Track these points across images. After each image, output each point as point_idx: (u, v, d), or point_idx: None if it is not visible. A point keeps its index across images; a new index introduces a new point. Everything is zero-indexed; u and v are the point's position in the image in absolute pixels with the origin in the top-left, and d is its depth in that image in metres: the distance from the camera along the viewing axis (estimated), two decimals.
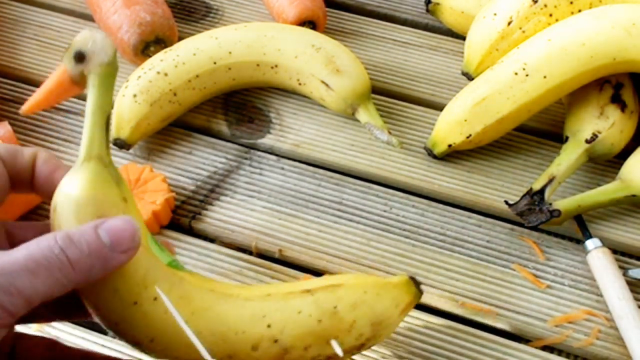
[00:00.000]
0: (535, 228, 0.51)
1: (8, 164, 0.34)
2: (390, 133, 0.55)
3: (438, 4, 0.63)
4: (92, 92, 0.33)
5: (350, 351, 0.37)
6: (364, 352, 0.45)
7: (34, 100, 0.38)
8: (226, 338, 0.34)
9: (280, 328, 0.35)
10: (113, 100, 0.35)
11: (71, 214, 0.32)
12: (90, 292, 0.33)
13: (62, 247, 0.29)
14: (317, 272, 0.49)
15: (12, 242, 0.35)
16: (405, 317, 0.39)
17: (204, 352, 0.33)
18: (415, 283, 0.39)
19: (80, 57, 0.32)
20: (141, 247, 0.32)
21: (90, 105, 0.33)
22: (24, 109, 0.39)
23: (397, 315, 0.38)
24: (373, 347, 0.45)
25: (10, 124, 0.55)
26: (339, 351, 0.36)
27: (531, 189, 0.50)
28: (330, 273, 0.49)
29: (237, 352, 0.34)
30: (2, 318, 0.28)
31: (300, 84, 0.57)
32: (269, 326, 0.35)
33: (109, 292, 0.32)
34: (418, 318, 0.47)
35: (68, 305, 0.35)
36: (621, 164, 0.51)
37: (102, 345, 0.45)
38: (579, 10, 0.53)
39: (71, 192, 0.32)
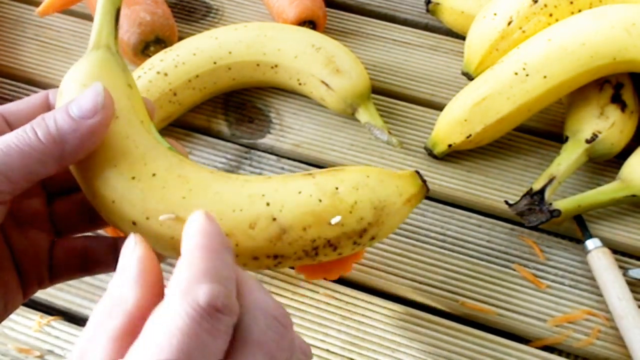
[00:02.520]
0: (535, 228, 0.51)
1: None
2: (390, 133, 0.55)
3: (438, 4, 0.63)
4: None
5: (352, 236, 0.36)
6: (364, 352, 0.45)
7: (49, 0, 0.39)
8: (222, 215, 0.34)
9: (279, 206, 0.34)
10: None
11: (75, 93, 0.33)
12: (90, 169, 0.33)
13: (32, 125, 0.31)
14: None
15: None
16: (410, 211, 0.38)
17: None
18: (421, 178, 0.39)
19: None
20: (142, 129, 0.33)
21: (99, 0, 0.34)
22: (39, 10, 0.40)
23: (400, 203, 0.37)
24: (373, 348, 0.45)
25: None
26: (336, 223, 0.35)
27: (531, 189, 0.50)
28: None
29: (234, 230, 0.34)
30: None
31: (300, 84, 0.57)
32: (267, 204, 0.34)
33: (109, 166, 0.33)
34: (419, 317, 0.47)
35: (96, 253, 0.37)
36: (621, 164, 0.51)
37: None
38: (579, 10, 0.53)
39: (77, 76, 0.33)
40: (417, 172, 0.39)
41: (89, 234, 0.39)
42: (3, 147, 0.30)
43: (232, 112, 0.59)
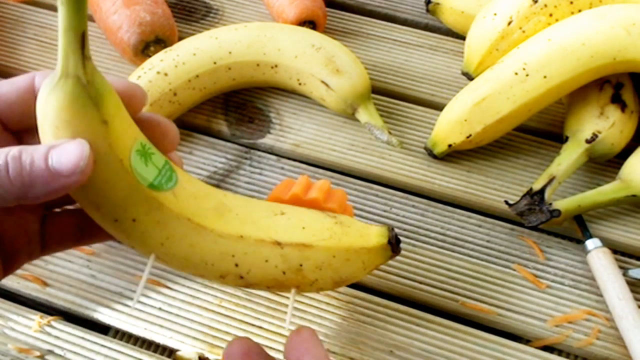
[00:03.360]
0: (535, 228, 0.51)
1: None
2: (390, 133, 0.55)
3: (438, 4, 0.63)
4: (61, 13, 0.31)
5: (311, 292, 0.42)
6: (364, 352, 0.45)
7: None
8: (197, 265, 0.37)
9: (246, 269, 0.38)
10: (86, 19, 0.32)
11: (50, 135, 0.32)
12: (80, 203, 0.35)
13: (7, 161, 0.30)
14: None
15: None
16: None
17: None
18: (392, 245, 0.41)
19: None
20: (121, 170, 0.33)
21: (61, 26, 0.31)
22: None
23: (363, 275, 0.40)
24: (372, 345, 0.45)
25: None
26: (293, 297, 0.39)
27: (531, 189, 0.50)
28: None
29: (207, 275, 0.38)
30: None
31: (300, 84, 0.57)
32: (236, 265, 0.37)
33: (93, 207, 0.34)
34: (419, 317, 0.47)
35: (89, 227, 0.37)
36: (621, 164, 0.51)
37: (102, 345, 0.45)
38: (579, 10, 0.53)
39: (49, 113, 0.31)
40: (390, 242, 0.41)
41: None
42: None
43: (232, 112, 0.59)
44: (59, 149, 0.31)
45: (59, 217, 0.38)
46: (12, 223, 0.35)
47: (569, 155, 0.51)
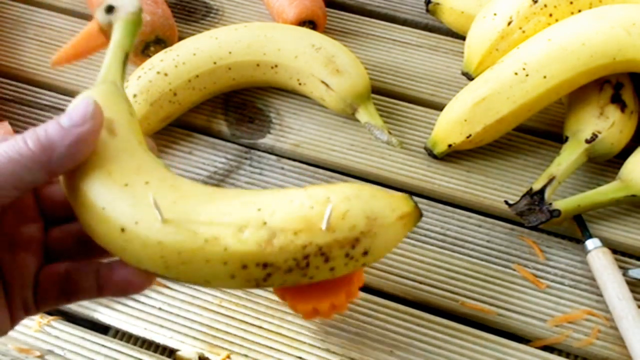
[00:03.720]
0: (535, 228, 0.51)
1: None
2: (390, 133, 0.55)
3: (438, 4, 0.63)
4: (116, 33, 0.38)
5: (344, 245, 0.35)
6: (364, 352, 0.45)
7: (62, 51, 0.43)
8: (212, 219, 0.34)
9: (270, 212, 0.34)
10: (133, 45, 0.39)
11: None
12: (82, 177, 0.34)
13: (24, 135, 0.32)
14: None
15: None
16: (405, 233, 0.38)
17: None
18: (414, 202, 0.38)
19: (109, 9, 0.38)
20: (139, 147, 0.35)
21: (112, 43, 0.38)
22: (53, 60, 0.42)
23: (393, 218, 0.36)
24: (372, 345, 0.45)
25: (11, 124, 0.55)
26: (325, 222, 0.34)
27: (531, 189, 0.50)
28: None
29: (224, 233, 0.33)
30: None
31: (300, 84, 0.57)
32: (259, 210, 0.34)
33: (102, 174, 0.34)
34: (419, 317, 0.47)
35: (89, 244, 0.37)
36: (621, 164, 0.51)
37: (102, 345, 0.45)
38: (579, 10, 0.53)
39: None
40: (411, 197, 0.39)
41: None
42: None
43: (232, 112, 0.59)
44: (68, 110, 0.33)
45: (51, 266, 0.37)
46: (13, 263, 0.35)
47: (569, 155, 0.51)
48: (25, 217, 0.36)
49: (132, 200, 0.33)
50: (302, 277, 0.35)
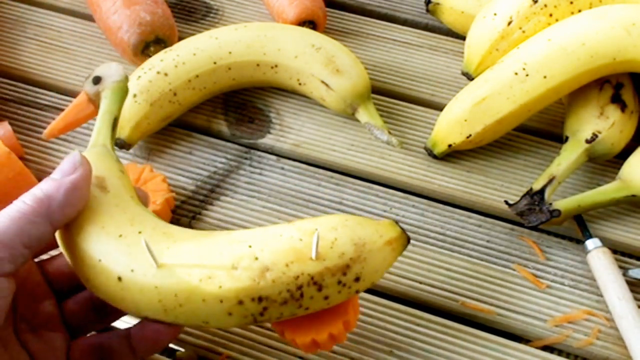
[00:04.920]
0: (535, 228, 0.51)
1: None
2: (390, 133, 0.55)
3: (438, 4, 0.63)
4: (104, 101, 0.41)
5: (335, 273, 0.35)
6: (364, 352, 0.45)
7: (54, 124, 0.46)
8: (205, 259, 0.35)
9: (260, 247, 0.35)
10: (121, 109, 0.42)
11: None
12: (78, 233, 0.35)
13: (21, 198, 0.34)
14: None
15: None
16: (394, 257, 0.38)
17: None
18: (400, 227, 0.39)
19: (97, 80, 0.40)
20: (131, 201, 0.37)
21: (101, 109, 0.40)
22: (46, 133, 0.44)
23: (381, 243, 0.37)
24: (372, 345, 0.45)
25: (10, 124, 0.55)
26: (314, 251, 0.35)
27: (531, 189, 0.50)
28: None
29: (217, 272, 0.35)
30: None
31: (300, 84, 0.57)
32: (250, 247, 0.35)
33: (97, 228, 0.35)
34: (419, 317, 0.47)
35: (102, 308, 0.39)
36: (621, 164, 0.51)
37: None
38: (579, 10, 0.53)
39: None
40: (397, 223, 0.39)
41: (101, 331, 0.40)
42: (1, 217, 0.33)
43: (232, 112, 0.59)
44: (56, 168, 0.35)
45: (81, 341, 0.39)
46: (41, 345, 0.36)
47: (569, 155, 0.51)
48: (37, 295, 0.37)
49: (127, 250, 0.35)
50: (298, 309, 0.36)
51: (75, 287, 0.39)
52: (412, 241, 0.51)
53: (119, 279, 0.35)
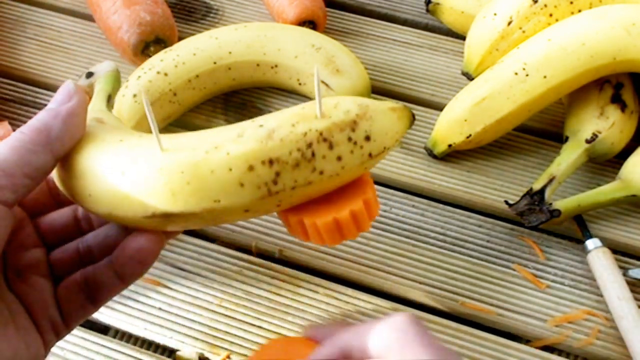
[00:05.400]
0: (535, 228, 0.51)
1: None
2: None
3: (438, 4, 0.63)
4: (97, 86, 0.40)
5: (344, 128, 0.35)
6: None
7: None
8: (206, 143, 0.34)
9: (264, 119, 0.35)
10: (113, 100, 0.41)
11: None
12: (79, 151, 0.35)
13: (19, 129, 0.33)
14: (317, 272, 0.49)
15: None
16: (400, 125, 0.37)
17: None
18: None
19: (89, 74, 0.40)
20: (130, 129, 0.37)
21: (95, 91, 0.40)
22: None
23: (385, 107, 0.36)
24: None
25: (11, 124, 0.55)
26: (318, 109, 0.34)
27: (531, 189, 0.50)
28: (330, 273, 0.49)
29: (224, 143, 0.34)
30: None
31: (300, 84, 0.57)
32: (253, 121, 0.35)
33: (97, 141, 0.35)
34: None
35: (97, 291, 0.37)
36: (621, 164, 0.51)
37: (102, 345, 0.45)
38: (579, 10, 0.53)
39: None
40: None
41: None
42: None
43: (232, 112, 0.59)
44: (51, 99, 0.35)
45: (66, 280, 0.37)
46: (27, 288, 0.36)
47: (569, 155, 0.51)
48: (27, 244, 0.37)
49: (128, 150, 0.34)
50: (312, 172, 0.34)
51: (64, 240, 0.38)
52: (412, 241, 0.51)
53: (122, 173, 0.33)
